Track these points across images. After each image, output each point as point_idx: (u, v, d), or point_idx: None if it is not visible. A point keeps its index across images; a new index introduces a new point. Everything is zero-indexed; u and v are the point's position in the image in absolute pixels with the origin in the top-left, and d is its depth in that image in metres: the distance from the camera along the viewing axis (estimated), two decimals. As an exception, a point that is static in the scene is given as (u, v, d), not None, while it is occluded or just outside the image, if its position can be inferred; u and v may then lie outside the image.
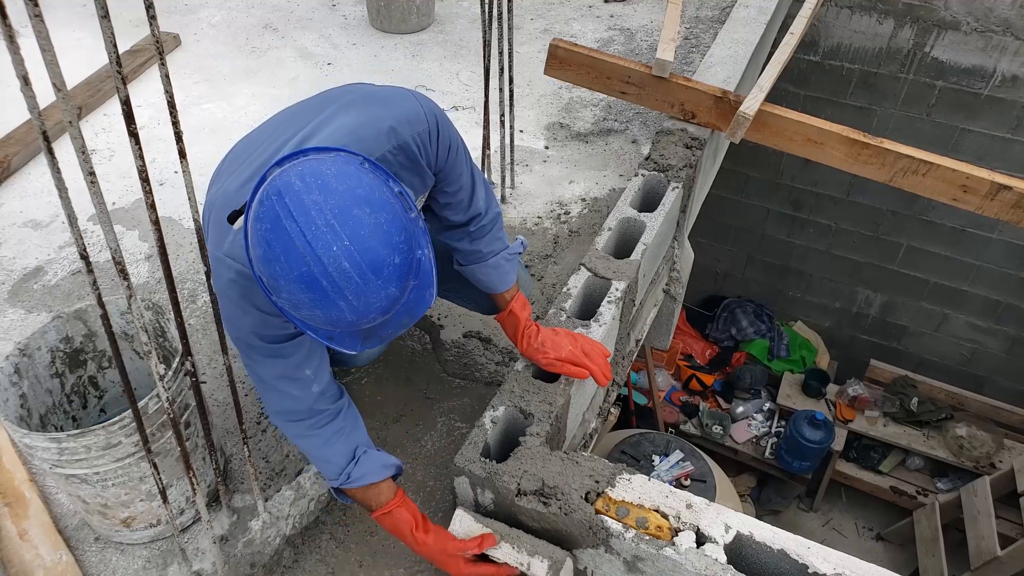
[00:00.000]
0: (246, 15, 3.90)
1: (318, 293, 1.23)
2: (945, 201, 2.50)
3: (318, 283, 1.23)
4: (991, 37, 4.17)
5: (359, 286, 1.24)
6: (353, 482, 1.61)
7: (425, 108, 1.57)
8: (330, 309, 1.25)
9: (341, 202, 1.24)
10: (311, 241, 1.21)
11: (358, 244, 1.23)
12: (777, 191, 5.30)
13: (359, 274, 1.23)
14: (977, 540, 4.37)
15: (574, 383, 1.85)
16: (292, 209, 1.22)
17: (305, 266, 1.22)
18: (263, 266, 1.26)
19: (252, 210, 1.28)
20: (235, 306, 1.46)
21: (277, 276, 1.24)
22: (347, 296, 1.24)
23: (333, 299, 1.24)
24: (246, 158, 1.58)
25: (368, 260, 1.24)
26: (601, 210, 2.69)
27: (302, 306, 1.26)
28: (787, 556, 1.50)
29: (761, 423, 5.31)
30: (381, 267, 1.25)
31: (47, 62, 0.95)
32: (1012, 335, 5.13)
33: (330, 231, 1.22)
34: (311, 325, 1.32)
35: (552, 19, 3.80)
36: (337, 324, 1.29)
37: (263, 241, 1.24)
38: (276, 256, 1.23)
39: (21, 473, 1.86)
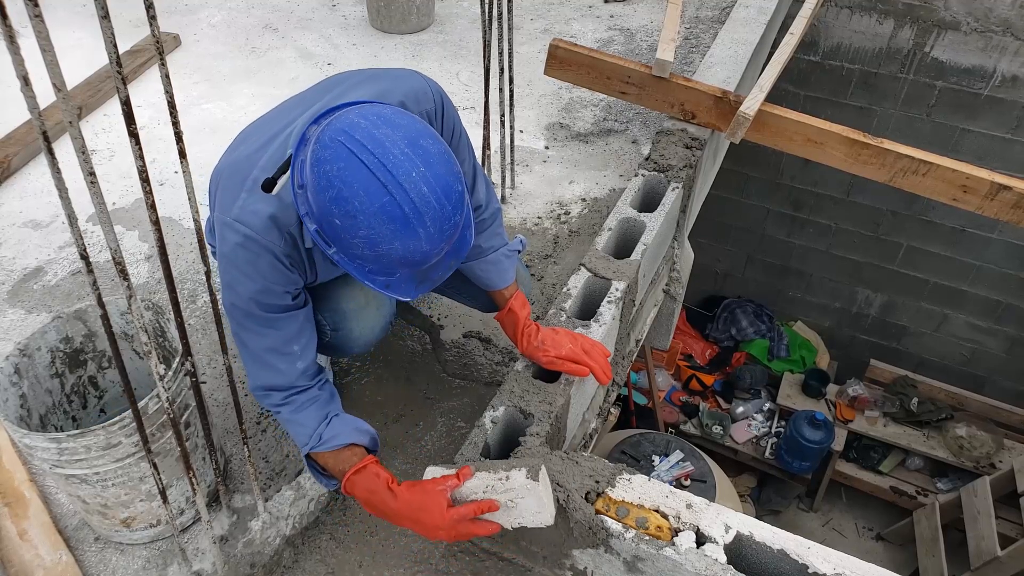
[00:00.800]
0: (246, 15, 3.90)
1: (399, 223, 1.26)
2: (945, 201, 2.50)
3: (400, 211, 1.25)
4: (991, 37, 4.17)
5: (436, 211, 1.28)
6: (324, 443, 1.57)
7: (432, 88, 1.62)
8: (409, 238, 1.28)
9: (408, 134, 1.29)
10: (391, 169, 1.24)
11: (432, 171, 1.28)
12: (777, 191, 5.30)
13: (436, 199, 1.27)
14: (977, 540, 4.37)
15: (574, 383, 1.85)
16: (366, 143, 1.26)
17: (387, 195, 1.24)
18: (335, 207, 1.26)
19: (311, 157, 1.30)
20: (239, 271, 1.46)
21: (355, 212, 1.25)
22: (426, 222, 1.28)
23: (414, 226, 1.27)
24: (254, 134, 1.60)
25: (442, 185, 1.29)
26: (601, 210, 2.69)
27: (381, 240, 1.27)
28: (787, 556, 1.50)
29: (761, 423, 5.31)
30: (451, 192, 1.30)
31: (47, 62, 0.95)
32: (1012, 335, 5.13)
33: (407, 159, 1.26)
34: (374, 269, 1.35)
35: (552, 19, 3.80)
36: (410, 259, 1.31)
37: (335, 181, 1.26)
38: (354, 192, 1.25)
39: (21, 473, 1.86)
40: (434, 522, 1.48)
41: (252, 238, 1.44)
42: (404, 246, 1.28)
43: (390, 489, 1.53)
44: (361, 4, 3.96)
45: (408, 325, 2.34)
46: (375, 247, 1.29)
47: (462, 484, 1.51)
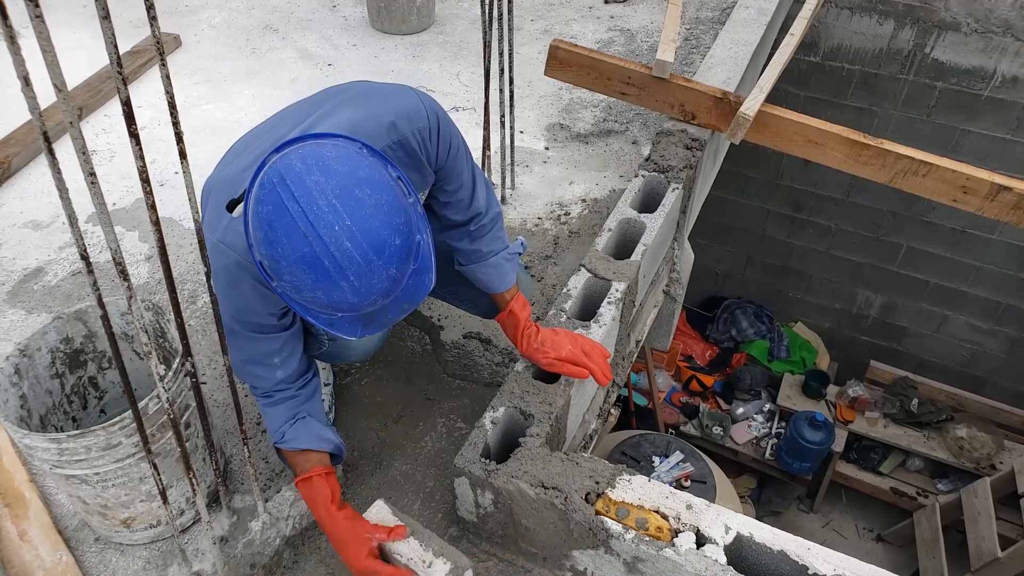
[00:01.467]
0: (246, 16, 3.90)
1: (320, 274, 1.24)
2: (945, 202, 2.50)
3: (320, 263, 1.23)
4: (991, 38, 4.17)
5: (361, 266, 1.24)
6: (286, 442, 1.63)
7: (426, 105, 1.58)
8: (332, 290, 1.25)
9: (343, 183, 1.24)
10: (313, 221, 1.21)
11: (360, 224, 1.23)
12: (777, 192, 5.30)
13: (361, 254, 1.24)
14: (977, 541, 4.37)
15: (574, 383, 1.85)
16: (294, 190, 1.23)
17: (307, 246, 1.22)
18: (264, 248, 1.26)
19: (252, 194, 1.29)
20: (222, 291, 1.49)
21: (279, 258, 1.25)
22: (349, 276, 1.24)
23: (335, 279, 1.24)
24: (245, 149, 1.59)
25: (369, 240, 1.24)
26: (601, 211, 2.69)
27: (304, 288, 1.26)
28: (787, 557, 1.49)
29: (761, 424, 5.30)
30: (383, 247, 1.26)
31: (48, 63, 0.95)
32: (1012, 336, 5.13)
33: (332, 211, 1.22)
34: (312, 310, 1.33)
35: (552, 20, 3.81)
36: (339, 307, 1.29)
37: (264, 223, 1.25)
38: (278, 237, 1.23)
39: (21, 473, 1.86)
40: (349, 560, 1.56)
41: (236, 261, 1.44)
42: (328, 296, 1.26)
43: (327, 507, 1.59)
44: (361, 5, 3.97)
45: (408, 326, 2.34)
46: (299, 292, 1.28)
47: (390, 540, 1.56)
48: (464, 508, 1.77)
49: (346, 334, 1.37)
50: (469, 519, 1.79)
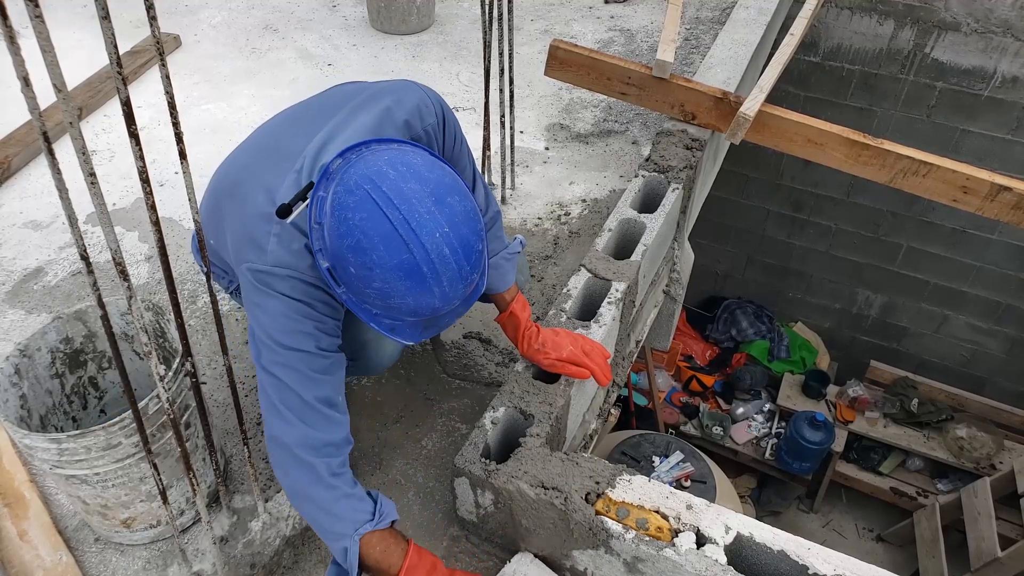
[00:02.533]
0: (246, 16, 3.90)
1: (416, 281, 1.24)
2: (945, 202, 2.50)
3: (419, 270, 1.23)
4: (991, 38, 4.17)
5: (455, 273, 1.26)
6: (384, 518, 1.45)
7: (432, 99, 1.60)
8: (422, 297, 1.26)
9: (435, 190, 1.25)
10: (415, 229, 1.21)
11: (455, 231, 1.25)
12: (777, 192, 5.30)
13: (456, 260, 1.25)
14: (977, 541, 4.37)
15: (574, 384, 1.85)
16: (392, 197, 1.22)
17: (407, 253, 1.22)
18: (354, 255, 1.24)
19: (334, 199, 1.26)
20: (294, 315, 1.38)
21: (372, 265, 1.23)
22: (443, 283, 1.26)
23: (430, 286, 1.25)
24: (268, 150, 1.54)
25: (463, 247, 1.26)
26: (601, 211, 2.69)
27: (393, 295, 1.25)
28: (787, 557, 1.49)
29: (761, 424, 5.30)
30: (471, 253, 1.28)
31: (48, 63, 0.95)
32: (1012, 336, 5.13)
33: (432, 218, 1.23)
34: (379, 316, 1.32)
35: (552, 20, 3.81)
36: (417, 312, 1.29)
37: (357, 230, 1.22)
38: (374, 244, 1.22)
39: (21, 474, 1.86)
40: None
41: (299, 279, 1.38)
42: (416, 302, 1.27)
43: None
44: (361, 5, 3.97)
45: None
46: (387, 299, 1.27)
47: None
48: (464, 508, 1.77)
49: (406, 339, 1.37)
50: (469, 519, 1.79)
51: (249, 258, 1.42)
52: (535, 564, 1.71)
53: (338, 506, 1.43)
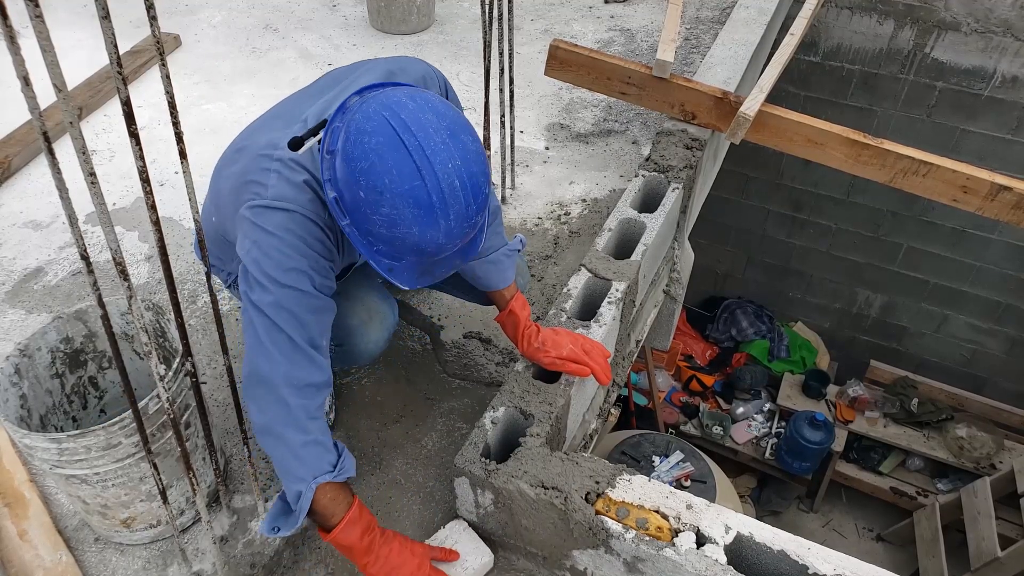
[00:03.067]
0: (246, 16, 3.90)
1: (424, 209, 1.25)
2: (945, 202, 2.50)
3: (428, 198, 1.24)
4: (991, 38, 4.17)
5: (461, 207, 1.27)
6: (343, 472, 1.49)
7: (437, 74, 1.67)
8: (429, 227, 1.26)
9: (451, 125, 1.28)
10: (430, 156, 1.23)
11: (467, 166, 1.27)
12: (777, 192, 5.29)
13: (464, 195, 1.27)
14: (977, 541, 4.37)
15: (574, 383, 1.85)
16: (410, 124, 1.24)
17: (419, 179, 1.23)
18: (365, 178, 1.25)
19: (351, 126, 1.28)
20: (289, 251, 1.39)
21: (383, 189, 1.24)
22: (449, 215, 1.27)
23: (437, 216, 1.26)
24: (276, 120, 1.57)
25: (472, 183, 1.28)
26: (601, 211, 2.69)
27: (400, 223, 1.26)
28: (787, 557, 1.49)
29: (761, 424, 5.30)
30: (478, 192, 1.30)
31: (48, 63, 0.95)
32: (1012, 336, 5.13)
33: (446, 149, 1.25)
34: (382, 250, 1.33)
35: (552, 20, 3.81)
36: (424, 247, 1.29)
37: (372, 153, 1.24)
38: (387, 168, 1.23)
39: (21, 473, 1.86)
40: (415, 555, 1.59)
41: (299, 213, 1.40)
42: (422, 233, 1.27)
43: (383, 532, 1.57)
44: (361, 4, 3.97)
45: (408, 325, 2.34)
46: (393, 228, 1.27)
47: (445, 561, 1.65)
48: (464, 508, 1.77)
49: (402, 282, 1.38)
50: (469, 519, 1.79)
51: (248, 198, 1.43)
52: (467, 532, 1.75)
53: (305, 450, 1.45)
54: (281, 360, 1.43)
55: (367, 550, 1.52)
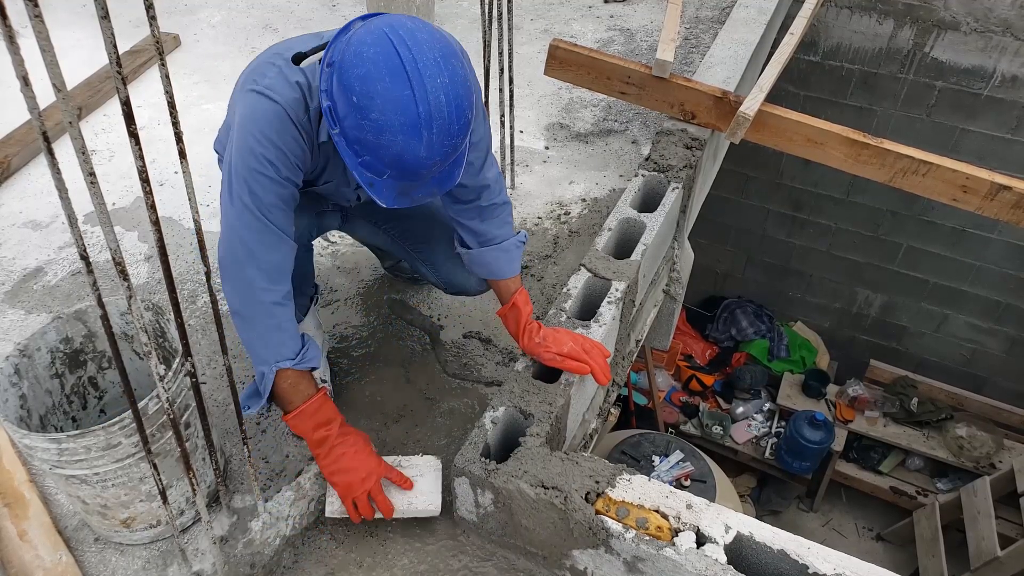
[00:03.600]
0: (246, 16, 3.90)
1: (410, 118, 1.33)
2: (945, 201, 2.50)
3: (415, 108, 1.32)
4: (991, 37, 4.17)
5: (444, 123, 1.35)
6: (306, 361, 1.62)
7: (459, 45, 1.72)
8: (412, 137, 1.34)
9: (444, 49, 1.38)
10: (421, 69, 1.32)
11: (454, 87, 1.36)
12: (777, 192, 5.30)
13: (448, 112, 1.35)
14: (977, 540, 4.37)
15: (574, 383, 1.85)
16: (406, 39, 1.34)
17: (408, 90, 1.32)
18: (360, 84, 1.33)
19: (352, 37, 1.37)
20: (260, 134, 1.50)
21: (375, 95, 1.32)
22: (432, 129, 1.34)
23: (420, 128, 1.34)
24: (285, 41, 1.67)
25: (457, 104, 1.36)
26: (601, 210, 2.69)
27: (387, 129, 1.33)
28: (787, 556, 1.50)
29: (761, 423, 5.30)
30: (462, 115, 1.38)
31: (47, 62, 0.94)
32: (1012, 335, 5.13)
33: (436, 67, 1.34)
34: (366, 161, 1.40)
35: (552, 19, 3.80)
36: (405, 158, 1.37)
37: (368, 62, 1.33)
38: (381, 75, 1.32)
39: (21, 474, 1.86)
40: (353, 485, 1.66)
41: (279, 105, 1.50)
42: (406, 142, 1.34)
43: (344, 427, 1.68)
44: (361, 4, 3.96)
45: (408, 325, 2.34)
46: (379, 134, 1.34)
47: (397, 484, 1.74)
48: (464, 508, 1.78)
49: (381, 198, 1.46)
50: (469, 519, 1.79)
51: (249, 84, 1.55)
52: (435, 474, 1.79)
53: (270, 335, 1.59)
54: (252, 242, 1.54)
55: (319, 443, 1.65)
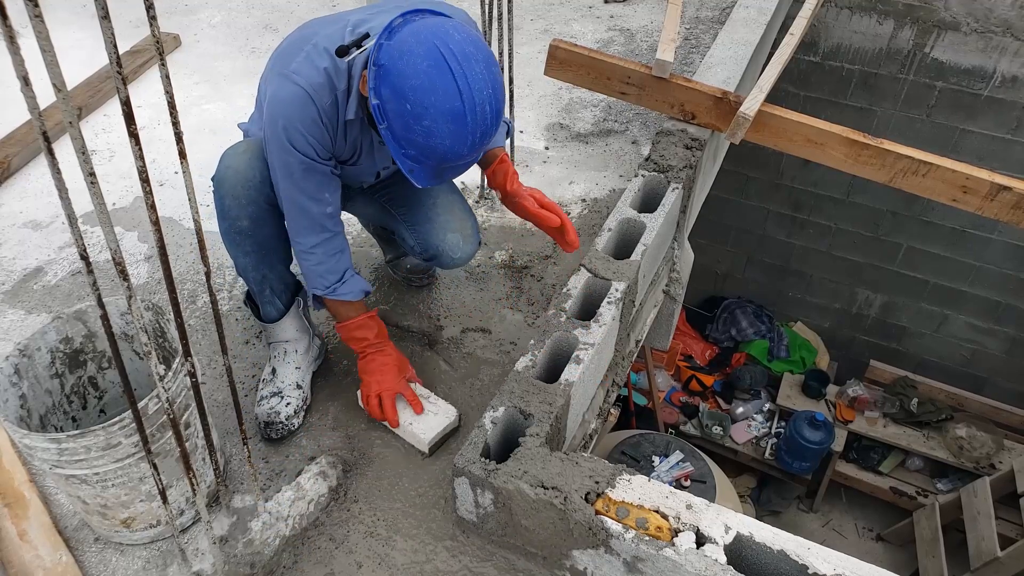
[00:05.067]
0: (246, 16, 3.90)
1: (459, 126, 1.51)
2: (945, 202, 2.50)
3: (464, 118, 1.50)
4: (991, 38, 4.17)
5: (486, 129, 1.54)
6: (340, 295, 1.90)
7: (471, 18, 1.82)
8: (458, 141, 1.53)
9: (486, 59, 1.53)
10: (471, 83, 1.49)
11: (495, 95, 1.54)
12: (777, 192, 5.30)
13: (491, 118, 1.54)
14: (977, 541, 4.37)
15: (575, 383, 1.85)
16: (456, 53, 1.49)
17: (459, 101, 1.49)
18: (414, 95, 1.48)
19: (401, 46, 1.50)
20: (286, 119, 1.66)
21: (428, 105, 1.49)
22: (476, 134, 1.53)
23: (466, 133, 1.52)
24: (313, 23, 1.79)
25: (495, 110, 1.55)
26: (601, 211, 2.69)
27: (435, 135, 1.51)
28: (787, 557, 1.50)
29: (761, 424, 5.31)
30: (498, 115, 1.57)
31: (47, 62, 0.94)
32: (1012, 336, 5.13)
33: (482, 79, 1.51)
34: (408, 153, 1.57)
35: (552, 20, 3.81)
36: (448, 156, 1.55)
37: (422, 74, 1.48)
38: (434, 88, 1.48)
39: (21, 473, 1.86)
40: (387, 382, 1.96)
41: (303, 89, 1.64)
42: (452, 145, 1.52)
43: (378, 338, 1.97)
44: (361, 4, 3.96)
45: (407, 329, 2.34)
46: (429, 138, 1.51)
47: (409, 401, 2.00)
48: (464, 508, 1.78)
49: (419, 181, 1.62)
50: (469, 519, 1.79)
51: (279, 66, 1.69)
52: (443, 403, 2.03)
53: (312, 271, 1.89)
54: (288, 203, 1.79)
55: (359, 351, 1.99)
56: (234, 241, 1.89)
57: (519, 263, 2.51)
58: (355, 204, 2.21)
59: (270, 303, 2.03)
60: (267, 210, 1.87)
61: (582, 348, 1.92)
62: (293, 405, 2.01)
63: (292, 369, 2.05)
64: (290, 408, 2.00)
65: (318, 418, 2.07)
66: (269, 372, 2.08)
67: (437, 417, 1.99)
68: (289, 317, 2.06)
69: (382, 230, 2.40)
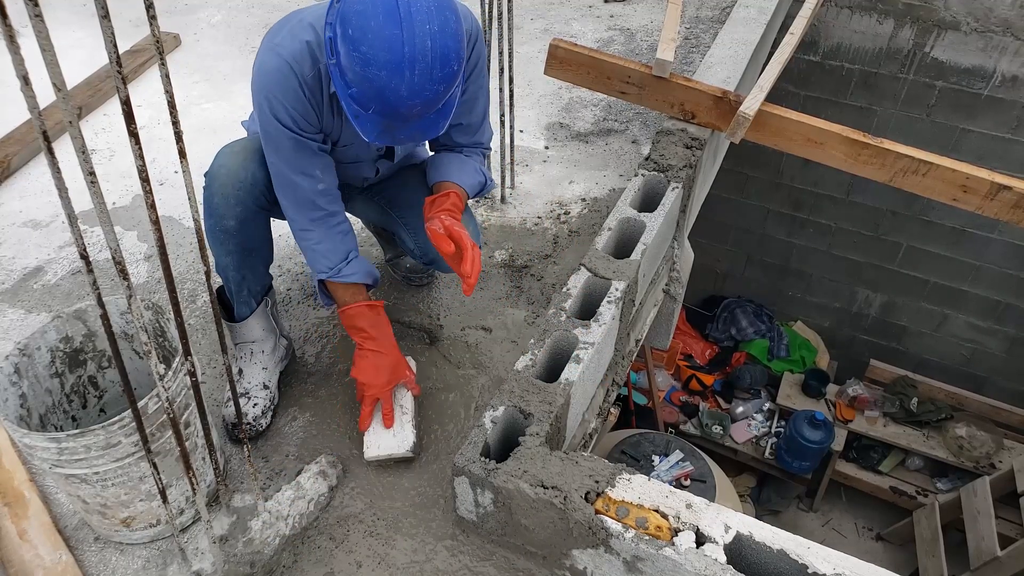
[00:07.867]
0: (246, 15, 3.90)
1: (395, 55, 1.44)
2: (945, 201, 2.50)
3: (401, 47, 1.44)
4: (991, 37, 4.17)
5: (426, 66, 1.46)
6: (343, 277, 1.87)
7: (473, 17, 1.80)
8: (394, 75, 1.46)
9: (440, 2, 1.48)
10: (413, 12, 1.44)
11: (441, 36, 1.47)
12: (777, 191, 5.30)
13: (432, 57, 1.46)
14: (977, 540, 4.37)
15: (574, 383, 1.85)
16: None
17: (398, 28, 1.44)
18: (357, 19, 1.45)
19: None
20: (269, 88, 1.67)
21: (367, 29, 1.44)
22: (415, 69, 1.46)
23: (403, 66, 1.45)
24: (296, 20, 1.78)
25: (442, 51, 1.47)
26: (601, 210, 2.69)
27: (372, 63, 1.45)
28: (787, 556, 1.50)
29: (761, 423, 5.31)
30: (446, 63, 1.49)
31: (47, 62, 0.94)
32: (1012, 335, 5.13)
33: (427, 13, 1.45)
34: (354, 93, 1.52)
35: (552, 19, 3.80)
36: (387, 95, 1.48)
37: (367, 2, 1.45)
38: (376, 12, 1.44)
39: (21, 473, 1.86)
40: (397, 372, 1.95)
41: (287, 61, 1.65)
42: (388, 78, 1.45)
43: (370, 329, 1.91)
44: (361, 4, 3.96)
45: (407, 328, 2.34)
46: (366, 66, 1.46)
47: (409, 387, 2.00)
48: (464, 507, 1.78)
49: (365, 132, 1.58)
50: (469, 518, 1.79)
51: (262, 45, 1.71)
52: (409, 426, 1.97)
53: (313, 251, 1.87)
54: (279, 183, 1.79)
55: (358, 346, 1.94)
56: (218, 239, 1.87)
57: (519, 262, 2.51)
58: (356, 205, 2.20)
59: (245, 303, 2.01)
60: (255, 212, 1.86)
61: (582, 347, 1.92)
62: (260, 406, 2.00)
63: (259, 369, 2.03)
64: (257, 409, 1.99)
65: (318, 417, 2.07)
66: (236, 373, 2.05)
67: (394, 439, 1.93)
68: (255, 316, 2.03)
69: (382, 229, 2.40)
